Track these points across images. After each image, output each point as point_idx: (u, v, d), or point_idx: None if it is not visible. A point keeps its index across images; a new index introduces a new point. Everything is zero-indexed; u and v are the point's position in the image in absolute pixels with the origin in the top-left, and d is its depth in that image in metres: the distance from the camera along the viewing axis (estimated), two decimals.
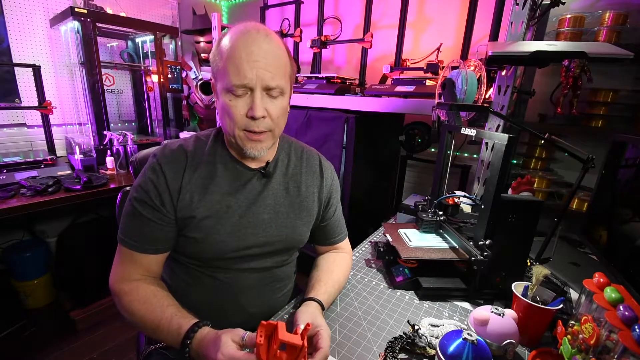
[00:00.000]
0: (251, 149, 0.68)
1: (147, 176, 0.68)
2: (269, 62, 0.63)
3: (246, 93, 0.64)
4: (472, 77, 1.06)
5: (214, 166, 0.71)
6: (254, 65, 0.61)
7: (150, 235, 0.68)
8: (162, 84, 2.25)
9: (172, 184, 0.67)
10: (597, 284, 0.53)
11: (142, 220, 0.67)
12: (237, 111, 0.64)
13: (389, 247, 0.92)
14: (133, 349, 1.55)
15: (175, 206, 0.68)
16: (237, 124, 0.65)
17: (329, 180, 0.84)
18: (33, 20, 1.91)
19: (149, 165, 0.69)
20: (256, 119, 0.64)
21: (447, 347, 0.52)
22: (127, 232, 0.68)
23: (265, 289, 0.77)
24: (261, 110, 0.63)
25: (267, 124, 0.66)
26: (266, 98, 0.65)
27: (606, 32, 1.22)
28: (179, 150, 0.71)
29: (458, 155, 1.79)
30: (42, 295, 1.85)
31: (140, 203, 0.67)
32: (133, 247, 0.67)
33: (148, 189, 0.67)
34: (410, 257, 0.83)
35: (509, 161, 0.72)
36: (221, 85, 0.65)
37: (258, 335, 0.51)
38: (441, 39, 1.66)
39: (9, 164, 1.64)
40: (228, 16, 2.86)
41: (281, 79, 0.65)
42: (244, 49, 0.61)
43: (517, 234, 0.74)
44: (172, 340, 0.60)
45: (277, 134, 0.71)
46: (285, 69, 0.67)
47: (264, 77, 0.62)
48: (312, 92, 1.73)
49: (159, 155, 0.70)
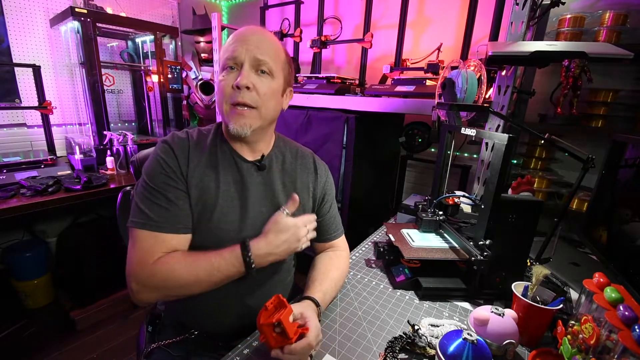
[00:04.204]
0: (234, 123, 0.68)
1: (160, 157, 0.68)
2: (261, 43, 0.68)
3: (236, 68, 0.68)
4: (472, 77, 1.06)
5: (214, 156, 0.73)
6: (245, 42, 0.68)
7: (179, 214, 0.66)
8: (162, 84, 2.25)
9: (182, 166, 0.69)
10: (597, 284, 0.53)
11: (167, 200, 0.66)
12: (226, 84, 0.68)
13: (392, 247, 0.92)
14: (133, 349, 1.55)
15: (187, 184, 0.68)
16: (224, 97, 0.68)
17: (323, 177, 0.86)
18: (33, 20, 1.91)
19: (160, 149, 0.70)
20: (240, 88, 0.66)
21: (447, 347, 0.52)
22: (143, 215, 0.65)
23: (263, 281, 0.77)
24: (245, 79, 0.66)
25: (253, 98, 0.68)
26: (254, 74, 0.68)
27: (606, 32, 1.22)
28: (185, 137, 0.73)
29: (458, 155, 1.79)
30: (42, 295, 1.85)
31: (159, 183, 0.66)
32: (152, 227, 0.64)
33: (165, 168, 0.67)
34: (413, 257, 0.83)
35: (509, 161, 0.72)
36: (219, 69, 0.71)
37: (269, 302, 0.57)
38: (441, 39, 1.66)
39: (9, 164, 1.64)
40: (228, 16, 2.86)
41: (271, 59, 0.69)
42: (238, 34, 0.70)
43: (517, 234, 0.74)
44: (231, 266, 0.64)
45: (263, 115, 0.71)
46: (278, 56, 0.71)
47: (254, 52, 0.67)
48: (312, 92, 1.73)
49: (169, 140, 0.71)
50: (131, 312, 1.81)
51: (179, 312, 0.80)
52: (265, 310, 0.56)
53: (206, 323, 0.76)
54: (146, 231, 0.64)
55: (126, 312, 1.80)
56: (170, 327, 0.80)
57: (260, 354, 0.62)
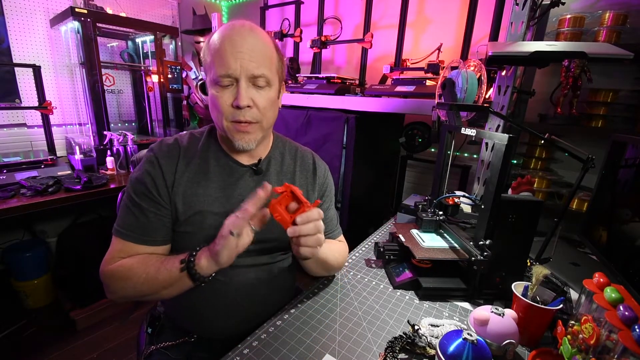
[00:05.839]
0: (239, 140, 0.68)
1: (144, 168, 0.69)
2: (254, 53, 0.64)
3: (232, 84, 0.65)
4: (472, 77, 1.06)
5: (206, 162, 0.73)
6: (238, 55, 0.63)
7: (148, 226, 0.68)
8: (162, 84, 2.25)
9: (167, 176, 0.69)
10: (597, 284, 0.53)
11: (140, 211, 0.68)
12: (223, 101, 0.65)
13: (392, 247, 0.92)
14: (133, 349, 1.55)
15: (170, 198, 0.69)
16: (224, 114, 0.67)
17: (321, 178, 0.85)
18: (33, 21, 1.91)
19: (145, 159, 0.71)
20: (241, 108, 0.65)
21: (447, 347, 0.52)
22: (124, 224, 0.68)
23: (261, 287, 0.77)
24: (246, 100, 0.64)
25: (254, 114, 0.67)
26: (252, 88, 0.66)
27: (606, 33, 1.22)
28: (173, 144, 0.72)
29: (458, 155, 1.79)
30: (42, 295, 1.85)
31: (138, 194, 0.68)
32: (129, 238, 0.68)
33: (145, 181, 0.68)
34: (424, 258, 0.82)
35: (509, 161, 0.72)
36: (209, 78, 0.67)
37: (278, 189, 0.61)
38: (441, 39, 1.66)
39: (9, 164, 1.64)
40: (228, 16, 2.86)
41: (267, 69, 0.66)
42: (228, 41, 0.64)
43: (517, 234, 0.74)
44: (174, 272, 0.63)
45: (265, 126, 0.71)
46: (272, 61, 0.68)
47: (248, 67, 0.64)
48: (312, 92, 1.72)
49: (155, 149, 0.71)
50: (131, 312, 1.80)
51: (178, 315, 0.79)
52: (276, 200, 0.60)
53: (205, 327, 0.75)
54: (120, 239, 0.68)
55: (126, 312, 1.80)
56: (169, 329, 0.80)
57: (260, 354, 0.62)
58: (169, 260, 0.65)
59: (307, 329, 0.69)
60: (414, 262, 0.88)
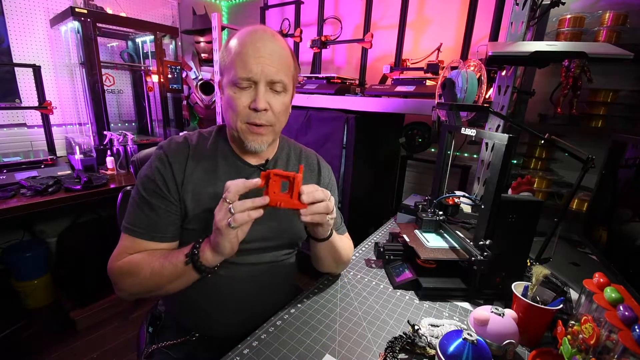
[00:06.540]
0: (252, 141, 0.70)
1: (154, 165, 0.70)
2: (274, 58, 0.66)
3: (250, 86, 0.66)
4: (472, 77, 1.06)
5: (215, 160, 0.73)
6: (259, 60, 0.64)
7: (158, 223, 0.68)
8: (162, 84, 2.25)
9: (177, 174, 0.69)
10: (597, 284, 0.53)
11: (150, 208, 0.68)
12: (240, 103, 0.66)
13: (406, 248, 0.91)
14: (133, 349, 1.55)
15: (180, 196, 0.69)
16: (239, 115, 0.67)
17: (326, 179, 0.87)
18: (33, 20, 1.91)
19: (155, 156, 0.71)
20: (258, 110, 0.66)
21: (447, 347, 0.52)
22: (133, 221, 0.69)
23: (264, 285, 0.77)
24: (264, 103, 0.66)
25: (269, 118, 0.68)
26: (269, 92, 0.67)
27: (606, 32, 1.22)
28: (183, 143, 0.73)
29: (458, 155, 1.79)
30: (42, 295, 1.85)
31: (148, 191, 0.68)
32: (139, 235, 0.68)
33: (155, 178, 0.68)
34: (429, 258, 0.82)
35: (509, 161, 0.72)
36: (227, 79, 0.68)
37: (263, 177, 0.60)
38: (441, 39, 1.66)
39: (9, 164, 1.64)
40: (228, 16, 2.86)
41: (285, 75, 0.68)
42: (251, 45, 0.65)
43: (517, 234, 0.74)
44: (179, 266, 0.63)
45: (277, 130, 0.73)
46: (289, 68, 0.70)
47: (269, 72, 0.65)
48: (312, 92, 1.73)
49: (165, 147, 0.72)
50: (131, 312, 1.80)
51: (180, 313, 0.80)
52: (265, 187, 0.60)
53: (207, 325, 0.76)
54: (129, 236, 0.69)
55: (126, 312, 1.79)
56: (170, 328, 0.80)
57: (260, 354, 0.62)
58: (173, 254, 0.65)
59: (307, 329, 0.69)
60: (418, 262, 0.88)
